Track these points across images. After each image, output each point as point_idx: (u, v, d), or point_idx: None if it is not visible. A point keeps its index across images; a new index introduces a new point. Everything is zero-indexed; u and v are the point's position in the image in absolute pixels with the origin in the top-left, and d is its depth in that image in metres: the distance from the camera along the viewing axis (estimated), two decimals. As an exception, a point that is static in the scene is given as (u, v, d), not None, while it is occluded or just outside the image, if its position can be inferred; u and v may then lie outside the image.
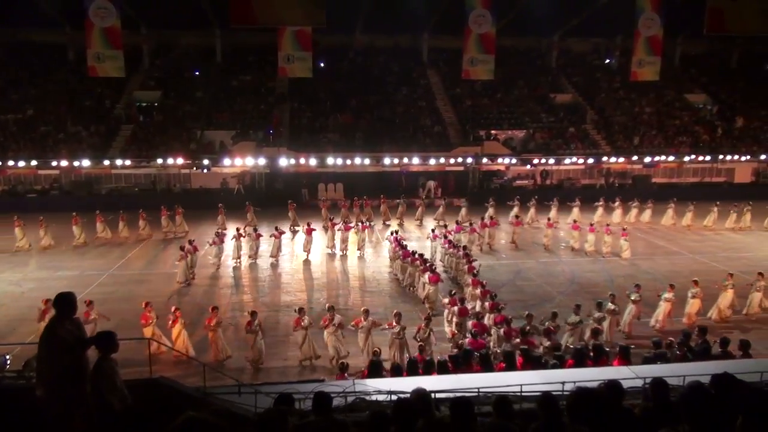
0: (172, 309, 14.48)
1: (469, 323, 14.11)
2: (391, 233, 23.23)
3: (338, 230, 24.66)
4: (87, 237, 25.73)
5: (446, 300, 15.69)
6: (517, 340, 12.59)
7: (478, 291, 16.28)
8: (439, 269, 20.10)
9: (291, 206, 28.18)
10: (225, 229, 26.27)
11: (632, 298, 16.03)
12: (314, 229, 24.09)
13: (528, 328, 13.11)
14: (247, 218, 28.00)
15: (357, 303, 18.36)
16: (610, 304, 15.16)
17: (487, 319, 14.54)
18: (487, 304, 15.16)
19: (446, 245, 21.91)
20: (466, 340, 12.54)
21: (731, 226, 28.93)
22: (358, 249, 24.48)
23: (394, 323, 13.43)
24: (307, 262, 23.28)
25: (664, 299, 16.14)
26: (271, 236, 23.48)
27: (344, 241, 24.53)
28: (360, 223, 25.49)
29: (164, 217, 27.15)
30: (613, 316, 15.20)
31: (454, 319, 14.79)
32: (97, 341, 6.17)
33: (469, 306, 15.60)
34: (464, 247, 20.95)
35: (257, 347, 13.67)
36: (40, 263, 22.80)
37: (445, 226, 25.79)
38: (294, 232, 27.17)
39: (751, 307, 17.51)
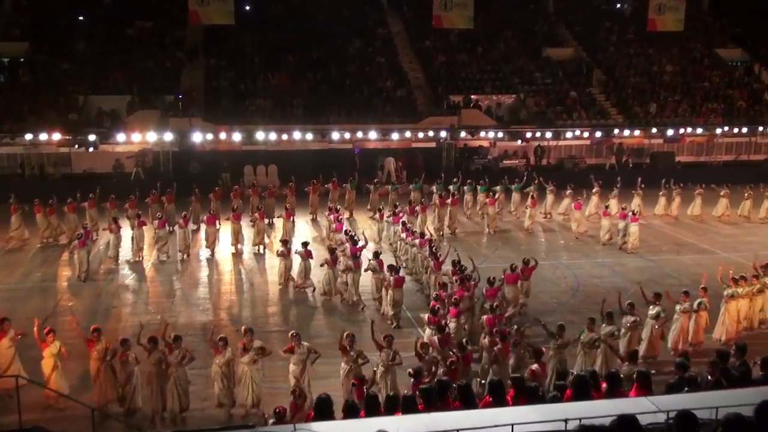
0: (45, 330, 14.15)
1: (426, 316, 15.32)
2: (333, 210, 25.30)
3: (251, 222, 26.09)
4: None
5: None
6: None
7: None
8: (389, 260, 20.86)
9: (196, 198, 28.01)
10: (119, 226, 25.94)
11: (679, 309, 16.46)
12: (217, 218, 25.11)
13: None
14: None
15: (298, 324, 18.34)
16: (629, 316, 15.43)
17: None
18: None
19: (404, 233, 23.00)
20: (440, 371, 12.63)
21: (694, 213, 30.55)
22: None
23: (347, 347, 13.43)
24: (214, 262, 24.27)
25: (681, 311, 16.53)
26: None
27: (260, 233, 25.18)
28: (285, 210, 26.07)
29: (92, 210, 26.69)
30: (633, 331, 15.50)
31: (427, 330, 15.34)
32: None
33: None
34: (425, 236, 21.99)
35: (157, 390, 13.38)
36: None
37: (396, 205, 26.92)
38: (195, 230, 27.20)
39: None
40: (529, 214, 28.43)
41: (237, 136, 34.00)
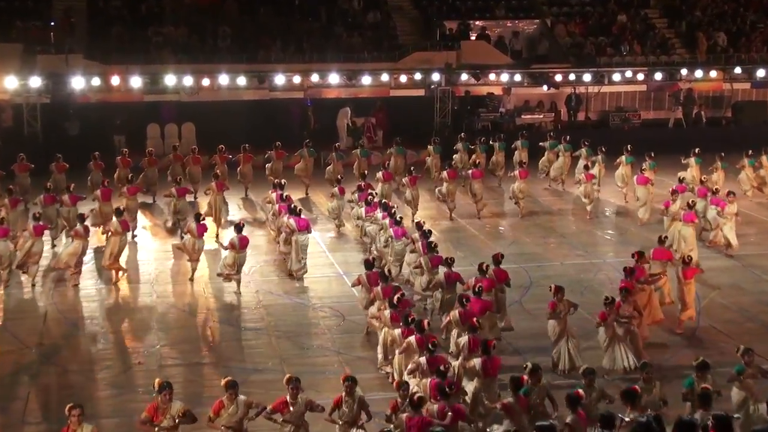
0: None
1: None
2: (277, 186, 25.72)
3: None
4: None
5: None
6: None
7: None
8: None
9: (98, 164, 28.13)
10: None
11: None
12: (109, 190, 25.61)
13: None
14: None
15: (226, 353, 18.43)
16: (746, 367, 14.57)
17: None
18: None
19: (362, 206, 24.20)
20: (436, 406, 12.71)
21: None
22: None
23: (289, 399, 13.25)
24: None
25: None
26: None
27: (175, 212, 25.52)
28: (215, 178, 26.44)
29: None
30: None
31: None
32: None
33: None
34: (383, 203, 23.16)
35: None
36: None
37: (363, 175, 27.99)
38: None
39: None
40: (584, 191, 28.09)
41: (136, 82, 33.80)
